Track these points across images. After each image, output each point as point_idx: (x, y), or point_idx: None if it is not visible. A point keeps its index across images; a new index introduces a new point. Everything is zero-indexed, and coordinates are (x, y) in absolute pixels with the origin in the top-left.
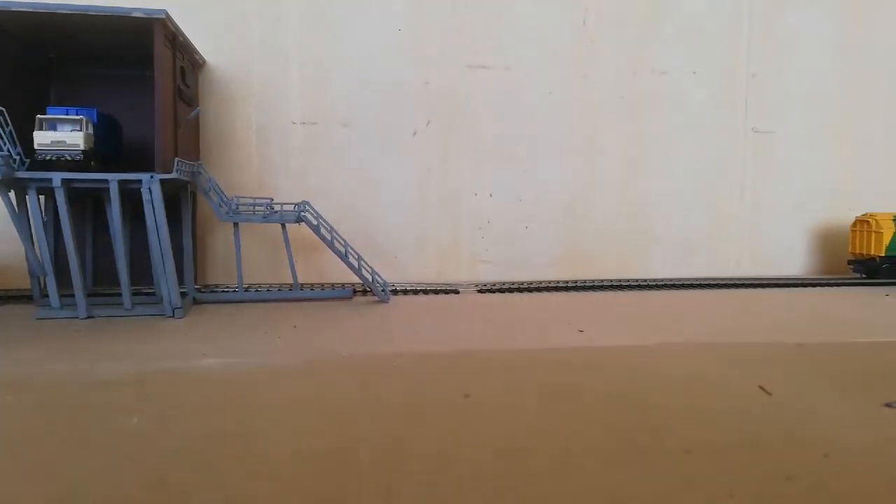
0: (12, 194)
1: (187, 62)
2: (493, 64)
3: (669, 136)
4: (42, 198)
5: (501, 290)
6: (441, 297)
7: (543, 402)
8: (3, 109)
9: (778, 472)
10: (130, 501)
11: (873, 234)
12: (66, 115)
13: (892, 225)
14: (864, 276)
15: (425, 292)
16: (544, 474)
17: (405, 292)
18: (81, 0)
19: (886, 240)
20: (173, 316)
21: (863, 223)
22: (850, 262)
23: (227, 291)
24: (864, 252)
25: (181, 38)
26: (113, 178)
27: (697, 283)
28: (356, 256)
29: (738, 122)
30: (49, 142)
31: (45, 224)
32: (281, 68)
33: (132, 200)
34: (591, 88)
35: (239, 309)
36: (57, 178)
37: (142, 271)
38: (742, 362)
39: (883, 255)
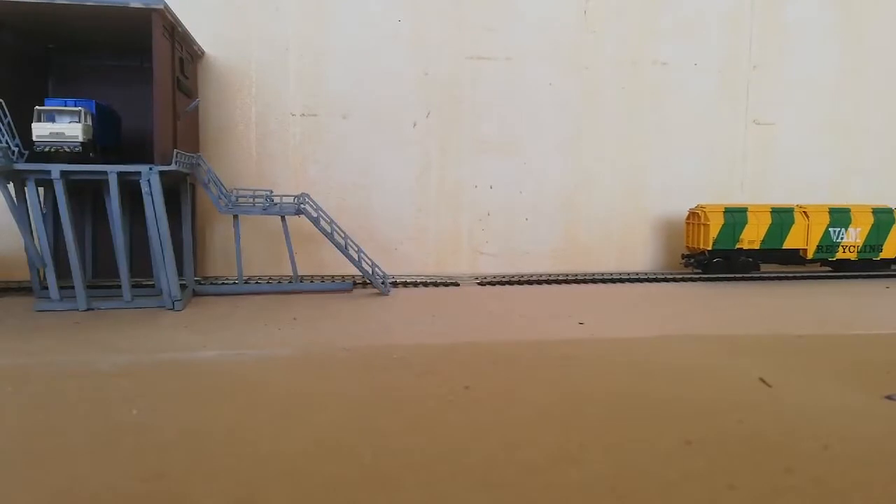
0: (11, 186)
1: (186, 53)
2: (493, 55)
3: (670, 128)
4: (41, 190)
5: (501, 283)
6: (441, 289)
7: (543, 394)
8: (2, 101)
9: (777, 464)
10: (129, 493)
11: (702, 227)
12: (65, 106)
13: (722, 217)
14: (697, 270)
15: (425, 285)
16: (544, 465)
17: (405, 285)
18: None
19: (714, 233)
20: (173, 308)
21: (694, 215)
22: (683, 256)
23: (227, 283)
24: (695, 245)
25: (180, 29)
26: (112, 169)
27: (697, 276)
28: (356, 249)
29: (739, 113)
30: (48, 133)
31: (44, 216)
32: (280, 59)
33: (132, 192)
34: (591, 79)
35: (238, 301)
36: (56, 169)
37: (141, 263)
38: (742, 354)
39: (711, 248)
